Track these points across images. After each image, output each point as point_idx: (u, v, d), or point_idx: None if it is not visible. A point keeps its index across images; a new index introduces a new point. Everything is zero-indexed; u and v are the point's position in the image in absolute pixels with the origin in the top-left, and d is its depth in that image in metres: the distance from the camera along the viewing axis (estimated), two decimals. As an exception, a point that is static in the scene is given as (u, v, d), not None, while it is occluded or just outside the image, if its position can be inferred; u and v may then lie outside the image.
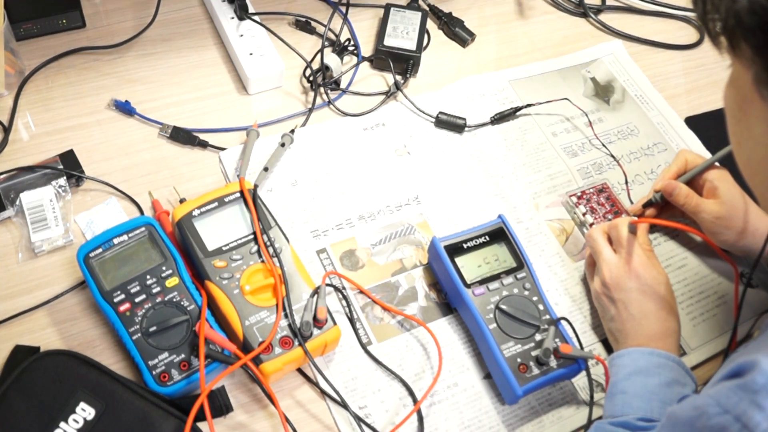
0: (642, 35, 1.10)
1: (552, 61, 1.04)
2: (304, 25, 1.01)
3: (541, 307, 0.76)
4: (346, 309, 0.78)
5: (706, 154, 0.97)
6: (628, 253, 0.77)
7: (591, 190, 0.91)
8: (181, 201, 0.80)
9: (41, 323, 0.73)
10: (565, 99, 0.97)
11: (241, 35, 0.94)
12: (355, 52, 0.99)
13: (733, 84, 0.53)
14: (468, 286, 0.75)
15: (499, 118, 0.95)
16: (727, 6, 0.46)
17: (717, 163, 0.83)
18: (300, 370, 0.74)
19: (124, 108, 0.88)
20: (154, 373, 0.67)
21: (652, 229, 0.88)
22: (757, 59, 0.47)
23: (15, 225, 0.78)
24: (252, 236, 0.75)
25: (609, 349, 0.78)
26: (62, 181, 0.80)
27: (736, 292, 0.80)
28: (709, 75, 1.07)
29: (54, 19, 0.92)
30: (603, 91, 1.02)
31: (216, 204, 0.76)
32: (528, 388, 0.70)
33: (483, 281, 0.76)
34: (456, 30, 1.04)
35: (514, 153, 0.93)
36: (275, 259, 0.74)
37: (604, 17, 1.11)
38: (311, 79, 0.94)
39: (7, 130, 0.84)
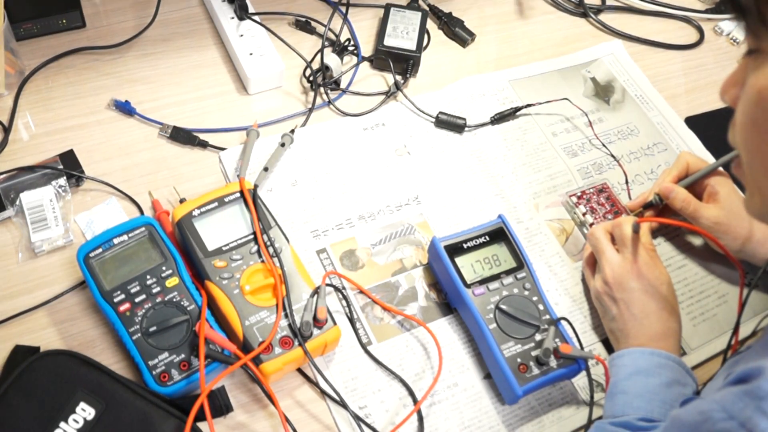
0: (642, 35, 1.10)
1: (552, 61, 1.04)
2: (304, 25, 1.01)
3: (541, 307, 0.76)
4: (346, 309, 0.78)
5: (706, 154, 0.97)
6: (631, 252, 0.77)
7: (591, 190, 0.91)
8: (181, 201, 0.80)
9: (41, 323, 0.73)
10: (565, 99, 0.97)
11: (241, 35, 0.94)
12: (355, 52, 0.99)
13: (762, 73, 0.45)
14: (468, 286, 0.75)
15: (499, 118, 0.95)
16: None
17: (721, 168, 0.83)
18: (300, 370, 0.74)
19: (124, 108, 0.88)
20: (154, 373, 0.67)
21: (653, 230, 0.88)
22: None
23: (15, 225, 0.78)
24: (252, 236, 0.75)
25: (609, 349, 0.78)
26: (62, 181, 0.80)
27: (741, 293, 0.79)
28: (709, 75, 1.07)
29: (54, 19, 0.92)
30: (603, 91, 1.02)
31: (216, 204, 0.76)
32: (528, 388, 0.70)
33: (483, 281, 0.76)
34: (456, 30, 1.04)
35: (514, 153, 0.93)
36: (275, 259, 0.74)
37: (604, 17, 1.11)
38: (311, 79, 0.94)
39: (7, 130, 0.84)
